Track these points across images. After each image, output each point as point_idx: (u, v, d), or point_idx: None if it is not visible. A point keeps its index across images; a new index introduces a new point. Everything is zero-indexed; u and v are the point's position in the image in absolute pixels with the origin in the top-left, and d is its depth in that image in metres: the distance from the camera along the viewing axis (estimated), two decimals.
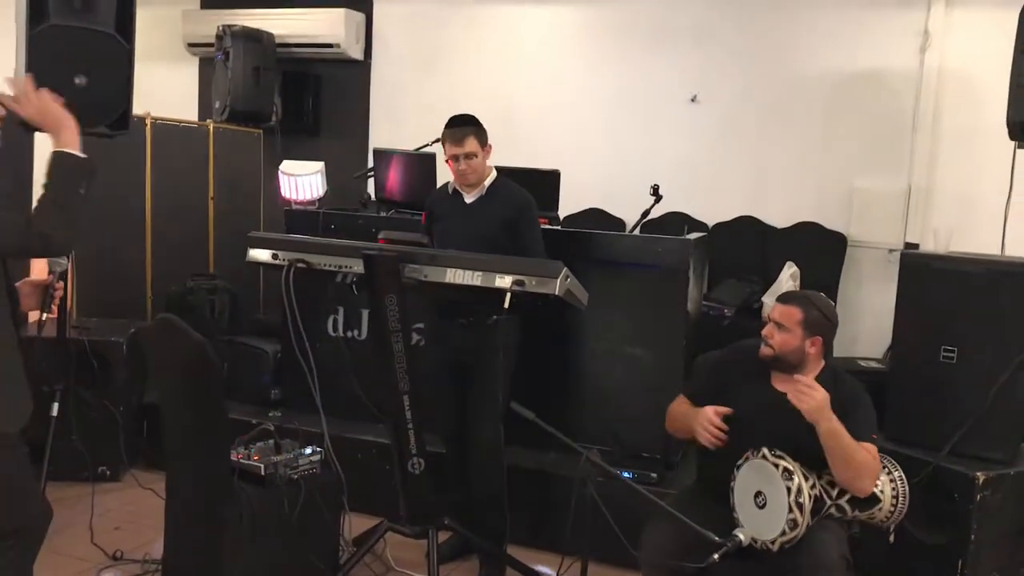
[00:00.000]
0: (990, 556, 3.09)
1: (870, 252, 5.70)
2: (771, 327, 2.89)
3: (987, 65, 5.28)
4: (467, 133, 3.59)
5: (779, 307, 2.92)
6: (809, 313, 2.86)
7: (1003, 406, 3.14)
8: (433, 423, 3.56)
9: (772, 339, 2.87)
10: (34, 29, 3.70)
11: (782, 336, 2.86)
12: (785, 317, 2.87)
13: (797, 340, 2.85)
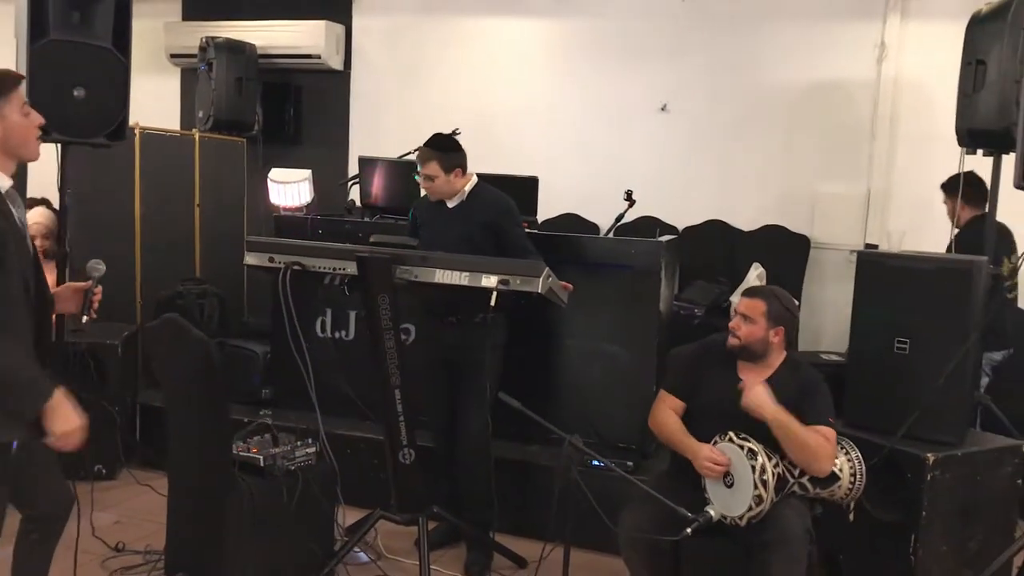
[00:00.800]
0: (940, 532, 3.31)
1: (832, 253, 5.97)
2: (738, 319, 3.12)
3: (940, 75, 5.51)
4: (430, 157, 3.79)
5: (745, 300, 3.15)
6: (772, 305, 3.10)
7: (951, 392, 3.35)
8: (422, 417, 3.75)
9: (739, 330, 3.10)
10: (35, 44, 3.87)
11: (748, 327, 3.09)
12: (750, 309, 3.10)
13: (762, 331, 3.08)
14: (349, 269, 3.38)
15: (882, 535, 3.38)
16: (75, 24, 3.97)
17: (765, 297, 3.13)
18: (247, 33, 6.79)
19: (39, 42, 3.87)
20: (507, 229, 3.78)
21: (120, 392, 4.64)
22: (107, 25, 4.03)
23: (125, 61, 4.09)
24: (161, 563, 3.58)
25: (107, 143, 4.14)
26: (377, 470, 4.19)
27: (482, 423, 3.75)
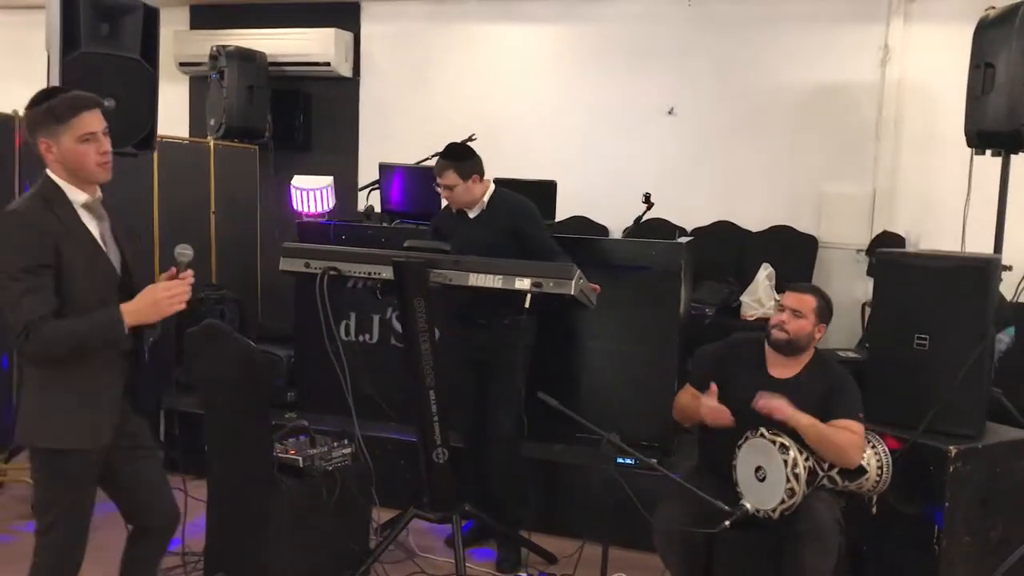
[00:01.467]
0: (963, 522, 3.41)
1: (839, 252, 6.08)
2: (787, 314, 3.20)
3: (943, 77, 5.67)
4: (446, 167, 3.88)
5: (794, 296, 3.24)
6: (820, 302, 3.21)
7: (970, 387, 3.46)
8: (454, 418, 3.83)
9: (787, 324, 3.18)
10: (67, 56, 3.95)
11: (798, 322, 3.18)
12: (802, 304, 3.20)
13: (810, 326, 3.19)
14: (384, 274, 3.46)
15: (905, 527, 3.48)
16: (104, 36, 4.06)
17: (815, 293, 3.24)
18: (256, 41, 6.85)
19: (71, 54, 3.95)
20: (531, 233, 3.86)
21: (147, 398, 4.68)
22: (135, 36, 4.12)
23: (153, 72, 4.18)
24: (200, 564, 3.65)
25: (135, 152, 4.22)
26: (403, 470, 4.27)
27: (513, 422, 3.83)
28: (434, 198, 4.71)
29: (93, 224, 2.58)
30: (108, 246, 2.61)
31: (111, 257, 2.60)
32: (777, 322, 3.21)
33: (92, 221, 2.57)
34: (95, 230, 2.58)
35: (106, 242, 2.60)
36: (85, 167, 2.54)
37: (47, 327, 2.40)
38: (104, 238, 2.60)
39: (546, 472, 4.23)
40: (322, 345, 3.92)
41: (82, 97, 2.58)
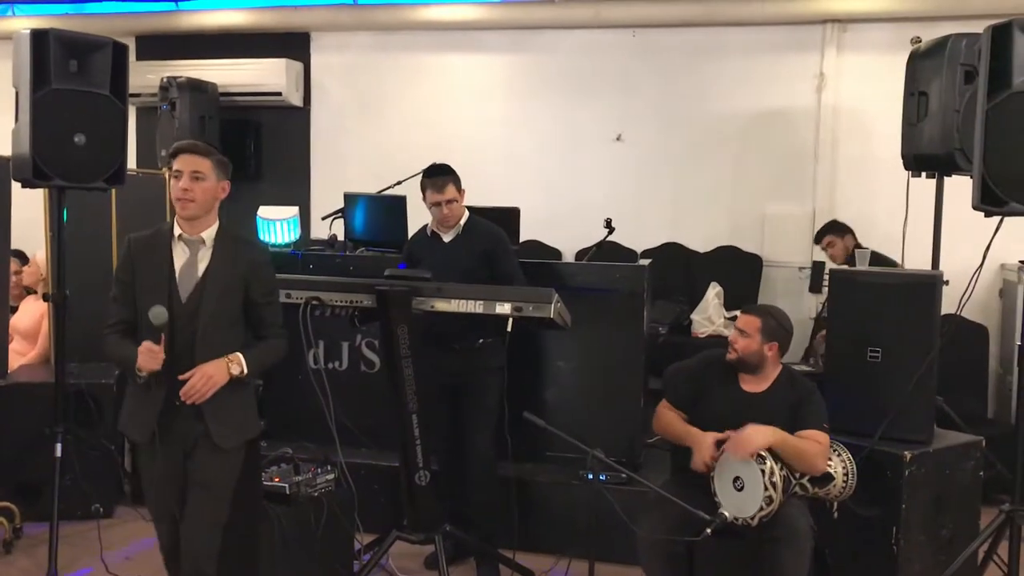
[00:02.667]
0: (918, 522, 3.64)
1: (783, 270, 6.37)
2: (735, 333, 3.41)
3: (874, 102, 6.02)
4: (447, 182, 4.01)
5: (742, 316, 3.45)
6: (767, 322, 3.40)
7: (920, 396, 3.71)
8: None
9: (736, 344, 3.38)
10: (37, 93, 3.96)
11: (744, 341, 3.38)
12: (747, 325, 3.39)
13: (756, 344, 3.38)
14: (366, 302, 3.55)
15: (864, 529, 3.69)
16: (73, 72, 4.06)
17: (760, 314, 3.43)
18: (205, 71, 6.89)
19: (41, 91, 3.95)
20: (502, 258, 4.00)
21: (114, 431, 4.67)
22: (105, 72, 4.12)
23: (122, 107, 4.19)
24: None
25: (106, 187, 4.24)
26: (378, 495, 4.35)
27: (489, 442, 3.95)
28: (400, 225, 4.84)
29: (183, 255, 2.90)
30: (184, 277, 2.89)
31: (181, 287, 2.89)
32: (729, 341, 3.42)
33: (183, 253, 2.91)
34: (180, 261, 2.90)
35: (183, 273, 2.89)
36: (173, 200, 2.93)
37: (109, 336, 2.97)
38: (185, 270, 2.90)
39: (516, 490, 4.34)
40: (290, 373, 4.00)
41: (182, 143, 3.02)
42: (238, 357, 2.90)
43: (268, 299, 3.03)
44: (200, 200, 2.90)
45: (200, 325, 2.87)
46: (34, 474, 4.38)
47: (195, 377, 2.82)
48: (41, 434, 4.27)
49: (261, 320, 3.01)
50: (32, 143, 3.94)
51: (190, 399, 2.82)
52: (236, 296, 2.95)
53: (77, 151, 4.06)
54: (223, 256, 2.93)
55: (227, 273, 2.92)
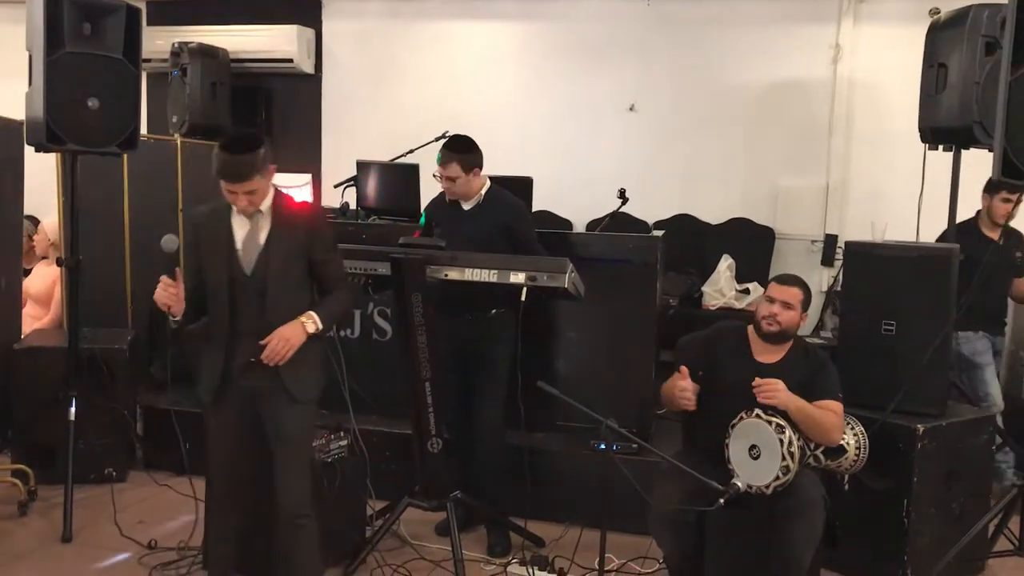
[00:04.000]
0: (928, 495, 3.65)
1: (795, 243, 6.33)
2: (777, 306, 3.36)
3: (891, 74, 5.95)
4: (450, 159, 3.96)
5: (783, 288, 3.40)
6: (806, 293, 3.43)
7: (934, 369, 3.70)
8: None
9: (779, 316, 3.36)
10: (50, 57, 3.94)
11: (788, 314, 3.37)
12: (792, 297, 3.38)
13: (798, 316, 3.38)
14: (381, 269, 3.55)
15: (875, 502, 3.69)
16: (87, 36, 4.05)
17: (800, 285, 3.43)
18: (216, 37, 6.85)
19: (54, 54, 3.94)
20: (521, 231, 3.98)
21: (126, 396, 4.71)
22: (118, 36, 4.11)
23: (136, 71, 4.18)
24: (199, 558, 3.71)
25: (119, 152, 4.23)
26: (388, 462, 4.37)
27: (499, 410, 3.96)
28: (413, 194, 4.83)
29: (243, 227, 2.99)
30: (247, 248, 2.98)
31: (243, 258, 2.99)
32: (769, 314, 3.38)
33: (244, 225, 2.99)
34: (241, 232, 2.99)
35: (246, 245, 2.98)
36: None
37: None
38: (247, 241, 2.99)
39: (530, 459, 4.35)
40: None
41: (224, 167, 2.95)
42: (312, 315, 3.00)
43: (330, 255, 3.13)
44: (260, 201, 3.00)
45: (269, 292, 2.98)
46: (48, 437, 4.41)
47: (274, 341, 2.93)
48: (55, 398, 4.31)
49: (325, 276, 3.11)
50: (46, 107, 3.94)
51: (271, 362, 2.93)
52: (300, 259, 3.04)
53: (90, 115, 4.06)
54: (283, 223, 3.02)
55: (288, 238, 3.01)
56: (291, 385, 3.01)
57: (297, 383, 3.03)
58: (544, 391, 3.24)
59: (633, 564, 3.83)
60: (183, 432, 4.69)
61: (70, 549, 3.93)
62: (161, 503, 4.38)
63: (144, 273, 5.61)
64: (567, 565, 3.70)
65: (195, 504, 3.72)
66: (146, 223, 5.68)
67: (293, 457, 3.09)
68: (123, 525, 4.05)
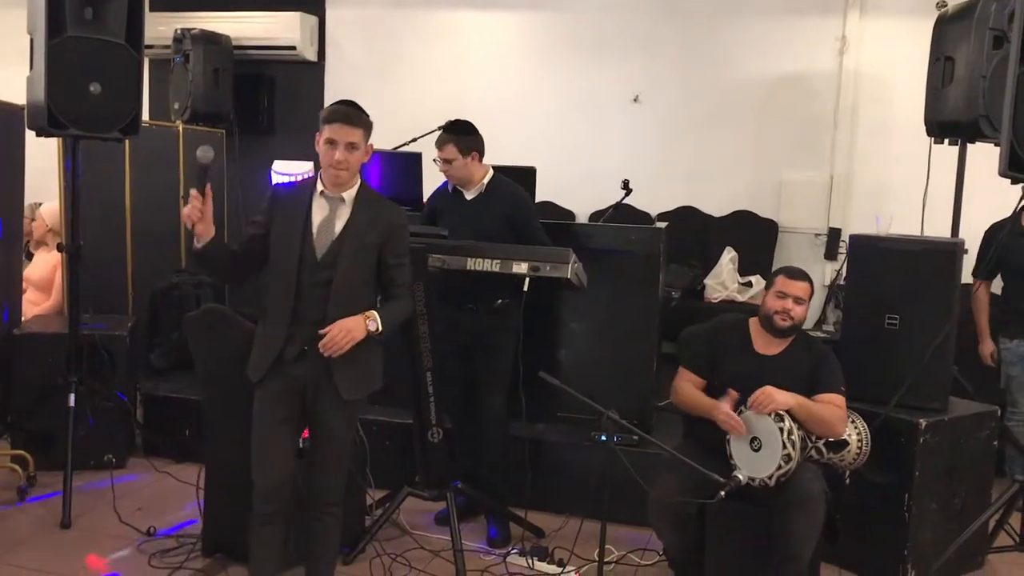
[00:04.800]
0: (930, 490, 3.64)
1: (798, 236, 6.31)
2: (790, 302, 3.35)
3: (897, 68, 5.93)
4: (447, 141, 3.95)
5: (794, 283, 3.38)
6: (811, 286, 3.42)
7: (937, 364, 3.68)
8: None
9: (793, 311, 3.34)
10: (52, 41, 3.92)
11: (800, 308, 3.36)
12: (802, 291, 3.37)
13: (807, 310, 3.38)
14: None
15: (876, 496, 3.69)
16: (89, 20, 4.02)
17: (808, 279, 3.43)
18: (219, 24, 6.80)
19: (56, 38, 3.92)
20: (525, 221, 3.96)
21: (127, 383, 4.70)
22: (120, 21, 4.09)
23: (138, 57, 4.16)
24: (198, 546, 3.70)
25: (121, 137, 4.22)
26: (388, 451, 4.36)
27: (502, 401, 3.95)
28: (415, 183, 4.80)
29: (322, 211, 2.95)
30: (321, 233, 2.93)
31: (316, 242, 2.93)
32: (782, 309, 3.34)
33: (323, 209, 2.95)
34: (319, 215, 2.95)
35: (321, 229, 2.93)
36: (325, 168, 2.96)
37: None
38: (323, 226, 2.94)
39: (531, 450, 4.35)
40: None
41: (337, 111, 3.00)
42: (375, 315, 2.93)
43: (400, 260, 3.06)
44: (353, 169, 2.97)
45: (335, 281, 2.92)
46: (47, 423, 4.40)
47: (335, 330, 2.85)
48: (55, 384, 4.31)
49: (392, 280, 3.04)
50: (47, 91, 3.91)
51: (328, 352, 2.85)
52: (371, 256, 2.99)
53: (92, 100, 4.04)
54: (362, 216, 2.98)
55: (364, 233, 2.97)
56: (341, 383, 2.94)
57: (347, 383, 2.96)
58: (546, 382, 3.23)
59: (633, 556, 3.83)
60: (183, 419, 4.76)
61: (69, 535, 3.92)
62: (160, 490, 4.38)
63: (145, 259, 5.63)
64: (567, 556, 3.70)
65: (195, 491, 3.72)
66: (147, 209, 5.69)
67: (333, 454, 3.05)
68: (122, 512, 4.05)
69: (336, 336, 2.84)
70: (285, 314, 2.93)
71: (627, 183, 4.77)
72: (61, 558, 3.71)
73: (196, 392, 4.22)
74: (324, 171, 2.96)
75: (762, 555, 3.23)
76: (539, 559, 3.73)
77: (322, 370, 2.93)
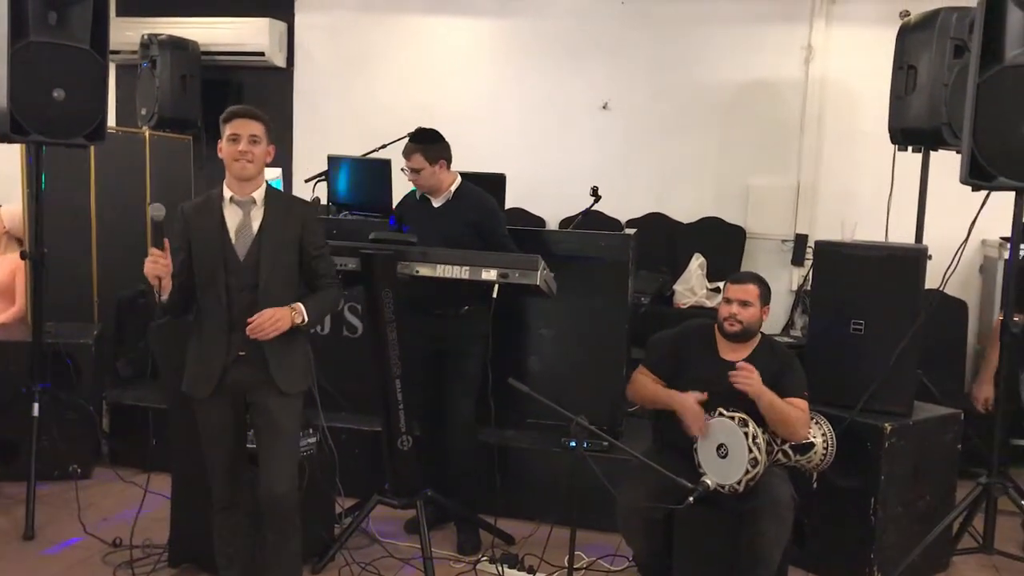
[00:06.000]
0: (896, 493, 3.68)
1: (765, 243, 6.36)
2: (735, 306, 3.38)
3: (862, 76, 6.00)
4: (413, 151, 3.96)
5: (739, 287, 3.42)
6: (762, 288, 3.42)
7: (902, 368, 3.73)
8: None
9: (740, 315, 3.37)
10: (15, 46, 3.88)
11: (747, 311, 3.38)
12: (748, 294, 3.39)
13: (758, 312, 3.39)
14: (351, 265, 3.52)
15: (843, 500, 3.72)
16: (52, 25, 3.98)
17: (756, 281, 3.44)
18: (187, 29, 6.76)
19: (19, 43, 3.87)
20: (492, 228, 3.96)
21: (92, 391, 4.64)
22: (85, 26, 4.05)
23: (103, 62, 4.12)
24: (164, 556, 3.66)
25: (86, 143, 4.18)
26: (357, 459, 4.34)
27: (469, 407, 3.95)
28: (384, 190, 4.79)
29: (236, 216, 3.01)
30: (240, 236, 3.00)
31: (237, 245, 2.99)
32: (728, 314, 3.39)
33: (236, 214, 3.01)
34: (234, 220, 3.00)
35: (239, 233, 2.99)
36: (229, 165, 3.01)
37: None
38: (240, 229, 3.00)
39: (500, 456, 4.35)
40: None
41: (235, 109, 3.05)
42: (299, 307, 3.01)
43: (320, 251, 3.13)
44: (257, 162, 3.02)
45: (261, 281, 2.98)
46: (10, 433, 4.33)
47: (263, 316, 2.93)
48: (18, 393, 4.25)
49: (315, 272, 3.11)
50: (10, 97, 3.87)
51: (255, 334, 2.93)
52: (292, 250, 3.06)
53: (56, 106, 4.00)
54: (276, 213, 3.05)
55: (282, 228, 3.04)
56: (277, 376, 3.02)
57: (283, 374, 3.03)
58: (515, 388, 3.23)
59: (603, 562, 3.83)
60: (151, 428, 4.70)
61: (32, 546, 3.87)
62: (126, 500, 4.32)
63: (110, 266, 5.56)
64: (537, 563, 3.71)
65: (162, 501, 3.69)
66: (113, 216, 5.62)
67: (282, 446, 3.09)
68: (87, 522, 4.00)
69: (263, 322, 2.92)
70: (222, 323, 2.99)
71: (596, 190, 4.80)
72: (24, 570, 3.65)
73: (162, 401, 4.17)
74: (229, 169, 3.02)
75: (731, 560, 3.25)
76: (509, 566, 3.73)
77: (259, 369, 3.01)
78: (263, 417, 3.08)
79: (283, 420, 3.08)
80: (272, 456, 3.08)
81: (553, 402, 4.03)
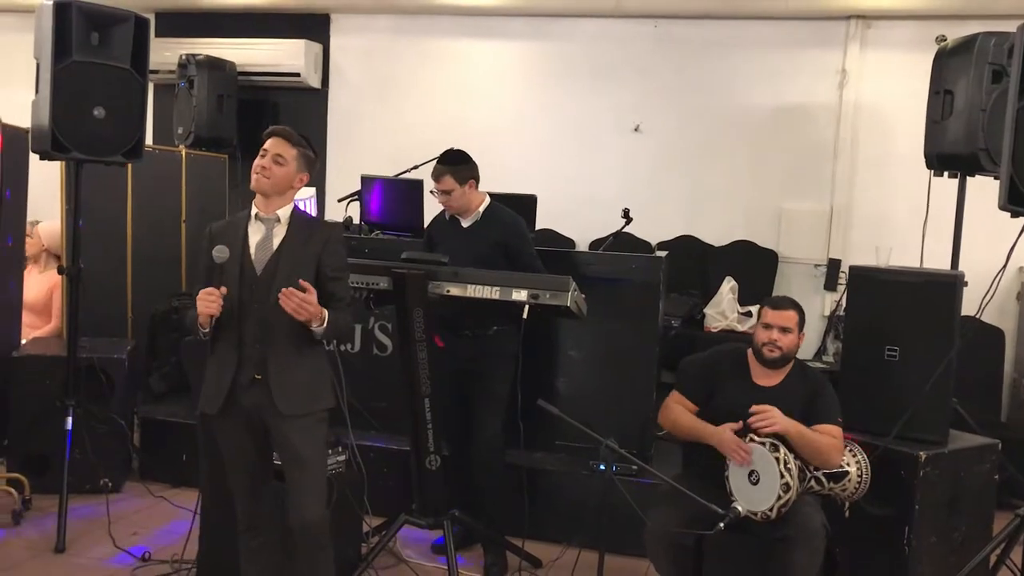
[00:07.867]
0: (930, 523, 3.61)
1: (798, 267, 6.32)
2: (775, 332, 3.35)
3: (897, 100, 5.97)
4: (443, 172, 3.97)
5: (779, 313, 3.39)
6: (800, 314, 3.40)
7: (937, 396, 3.67)
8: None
9: (780, 342, 3.34)
10: (58, 65, 3.95)
11: (788, 338, 3.35)
12: (789, 320, 3.36)
13: (797, 339, 3.36)
14: (382, 284, 3.54)
15: (876, 528, 3.65)
16: (95, 45, 4.06)
17: (795, 308, 3.42)
18: (224, 50, 6.87)
19: (62, 63, 3.94)
20: (520, 249, 3.97)
21: (124, 406, 4.69)
22: (126, 46, 4.12)
23: (143, 82, 4.19)
24: (192, 571, 3.67)
25: (124, 161, 4.24)
26: (385, 478, 4.34)
27: (499, 429, 3.94)
28: (416, 210, 4.82)
29: (259, 232, 3.03)
30: (259, 250, 3.01)
31: (255, 258, 3.00)
32: (768, 340, 3.36)
33: (259, 230, 3.03)
34: (256, 236, 3.02)
35: (259, 248, 3.01)
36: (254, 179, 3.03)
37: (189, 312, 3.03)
38: (260, 244, 3.01)
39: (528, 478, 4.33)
40: None
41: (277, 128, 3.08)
42: (326, 314, 2.96)
43: (339, 275, 3.10)
44: (274, 181, 3.01)
45: (275, 297, 2.92)
46: (44, 446, 4.38)
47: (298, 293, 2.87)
48: (52, 407, 4.30)
49: (331, 295, 3.06)
50: (52, 115, 3.94)
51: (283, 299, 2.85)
52: (309, 270, 3.01)
53: (96, 124, 4.06)
54: (298, 232, 3.04)
55: (301, 248, 3.03)
56: (278, 398, 2.96)
57: (284, 397, 2.97)
58: (544, 410, 3.22)
59: None
60: (181, 443, 4.73)
61: (63, 560, 3.90)
62: (156, 515, 4.35)
63: (144, 283, 5.63)
64: None
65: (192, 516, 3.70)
66: (148, 233, 5.70)
67: (308, 478, 3.05)
68: (117, 536, 4.02)
69: (296, 293, 2.86)
70: (233, 336, 2.98)
71: (627, 211, 4.79)
72: None
73: (193, 416, 4.20)
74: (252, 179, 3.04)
75: None
76: None
77: (262, 392, 2.97)
78: (286, 451, 3.04)
79: (305, 451, 3.03)
80: (300, 490, 3.05)
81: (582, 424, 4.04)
